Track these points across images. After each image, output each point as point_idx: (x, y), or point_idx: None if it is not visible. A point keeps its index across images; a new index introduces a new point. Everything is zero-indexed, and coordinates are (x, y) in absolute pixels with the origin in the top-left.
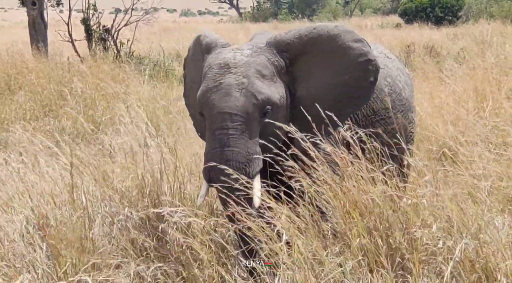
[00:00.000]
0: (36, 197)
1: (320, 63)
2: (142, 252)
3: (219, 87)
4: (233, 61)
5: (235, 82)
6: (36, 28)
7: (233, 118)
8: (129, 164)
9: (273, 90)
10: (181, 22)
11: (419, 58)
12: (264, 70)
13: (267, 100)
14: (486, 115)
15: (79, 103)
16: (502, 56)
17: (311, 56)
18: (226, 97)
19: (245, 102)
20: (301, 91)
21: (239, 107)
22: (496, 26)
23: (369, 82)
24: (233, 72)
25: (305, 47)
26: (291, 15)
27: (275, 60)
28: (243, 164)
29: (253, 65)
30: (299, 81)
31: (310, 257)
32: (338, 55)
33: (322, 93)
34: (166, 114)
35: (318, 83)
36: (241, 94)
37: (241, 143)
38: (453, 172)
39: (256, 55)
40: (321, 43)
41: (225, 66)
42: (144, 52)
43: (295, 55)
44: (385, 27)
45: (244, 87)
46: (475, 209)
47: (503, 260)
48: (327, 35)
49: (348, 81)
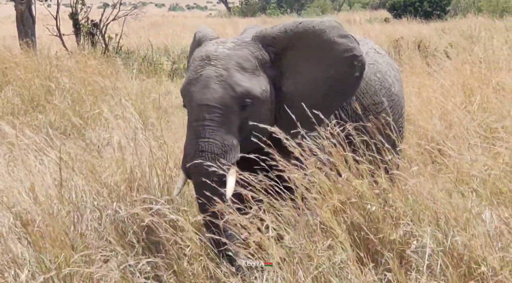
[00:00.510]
0: (24, 191)
1: (307, 58)
2: (131, 246)
3: (199, 79)
4: (214, 53)
5: (214, 74)
6: (24, 23)
7: (210, 110)
8: (118, 158)
9: (254, 84)
10: (169, 16)
11: (407, 53)
12: (245, 63)
13: (246, 93)
14: (474, 109)
15: (67, 97)
16: (490, 51)
17: (298, 51)
18: (205, 89)
19: (223, 94)
20: (288, 86)
21: (217, 99)
22: (484, 20)
23: (355, 77)
24: (213, 64)
25: (291, 41)
26: (279, 10)
27: (259, 54)
28: (218, 155)
29: (234, 58)
30: (286, 76)
31: (298, 252)
32: (324, 50)
33: (309, 88)
34: (155, 108)
35: (305, 78)
36: (219, 86)
37: (217, 134)
38: (441, 167)
39: (239, 48)
40: (307, 38)
41: (206, 58)
42: (133, 46)
43: (281, 49)
44: (373, 21)
45: (223, 79)
46: (463, 203)
47: (490, 254)
48: (312, 30)
49: (334, 76)
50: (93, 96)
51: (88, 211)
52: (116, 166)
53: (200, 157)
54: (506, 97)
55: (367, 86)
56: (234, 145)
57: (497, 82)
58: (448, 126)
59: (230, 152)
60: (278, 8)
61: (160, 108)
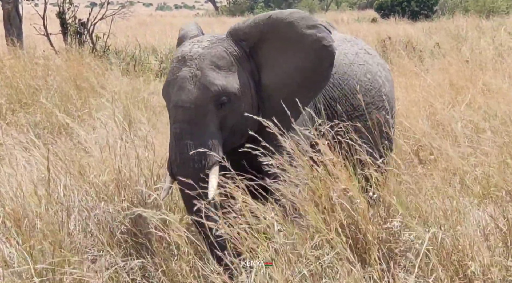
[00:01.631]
0: (12, 191)
1: (279, 50)
2: (119, 246)
3: (175, 80)
4: (189, 54)
5: (189, 75)
6: (11, 22)
7: (185, 111)
8: (106, 158)
9: (230, 81)
10: (157, 16)
11: (395, 53)
12: (219, 61)
13: (222, 91)
14: (462, 108)
15: (55, 97)
16: (477, 51)
17: (270, 43)
18: (180, 90)
19: (198, 94)
20: (265, 79)
21: (192, 100)
22: (471, 20)
23: (325, 67)
24: (188, 65)
25: (262, 34)
26: (267, 9)
27: (233, 49)
28: (197, 157)
29: (207, 57)
30: (262, 69)
31: (287, 250)
32: (294, 41)
33: (284, 79)
34: (143, 108)
35: (280, 70)
36: (194, 86)
37: (195, 136)
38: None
39: (213, 46)
40: (277, 30)
41: (182, 59)
42: (120, 46)
43: (254, 42)
44: (361, 21)
45: (197, 80)
46: (454, 199)
47: (478, 253)
48: (282, 23)
49: (306, 67)
50: (80, 95)
51: (76, 211)
52: (104, 165)
53: (182, 160)
54: (493, 97)
55: (357, 87)
56: (214, 144)
57: (483, 82)
58: (435, 126)
59: (210, 152)
60: (266, 7)
61: (148, 108)
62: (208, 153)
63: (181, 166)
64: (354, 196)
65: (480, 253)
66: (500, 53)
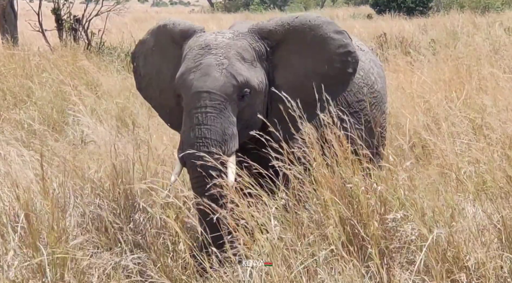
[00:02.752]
0: (6, 187)
1: (300, 52)
2: (115, 242)
3: (199, 67)
4: (214, 42)
5: (215, 62)
6: (6, 18)
7: (211, 97)
8: (101, 154)
9: (252, 74)
10: (152, 12)
11: (390, 49)
12: (245, 53)
13: (246, 83)
14: (458, 105)
15: (49, 93)
16: (472, 47)
17: (292, 45)
18: (205, 76)
19: (225, 82)
20: (280, 79)
21: (218, 87)
22: (466, 17)
23: (348, 73)
24: (213, 53)
25: (286, 35)
26: (262, 6)
27: (256, 45)
28: (220, 142)
29: (234, 47)
30: (279, 69)
31: (282, 247)
32: (319, 45)
33: (301, 82)
34: (138, 104)
35: (297, 72)
36: (221, 74)
37: (218, 122)
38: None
39: (237, 38)
40: (302, 32)
41: (206, 47)
42: (116, 42)
43: (276, 42)
44: (356, 17)
45: (224, 67)
46: (449, 196)
47: (473, 250)
48: (309, 25)
49: (327, 71)
50: (75, 92)
51: (71, 207)
52: (99, 162)
53: (202, 143)
54: (488, 94)
55: (351, 84)
56: (234, 134)
57: (479, 78)
58: (430, 122)
59: (230, 141)
60: (261, 4)
61: (143, 104)
62: (229, 141)
63: (200, 149)
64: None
65: (474, 249)
66: (495, 49)
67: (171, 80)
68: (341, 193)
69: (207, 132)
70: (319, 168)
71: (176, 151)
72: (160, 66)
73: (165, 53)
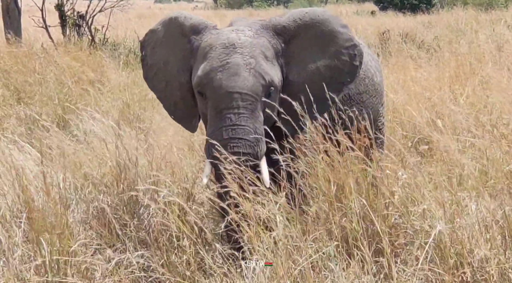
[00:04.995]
0: (9, 184)
1: (311, 47)
2: (119, 239)
3: (226, 66)
4: (239, 41)
5: (242, 62)
6: (10, 14)
7: (243, 98)
8: (104, 150)
9: (274, 73)
10: (155, 8)
11: (394, 46)
12: (267, 51)
13: (271, 82)
14: (461, 101)
15: (53, 90)
16: (475, 44)
17: (303, 40)
18: (235, 76)
19: (255, 82)
20: (293, 74)
21: (249, 87)
22: (470, 14)
23: (355, 66)
24: (239, 52)
25: (298, 30)
26: (266, 2)
27: (274, 42)
28: (253, 143)
29: (257, 46)
30: (292, 64)
31: (287, 243)
32: (328, 39)
33: (312, 76)
34: (142, 100)
35: (309, 66)
36: (249, 74)
37: (251, 122)
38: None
39: (258, 36)
40: (313, 27)
41: (230, 46)
42: (119, 38)
43: (289, 38)
44: (360, 14)
45: (252, 67)
46: (452, 193)
47: (476, 247)
48: (318, 19)
49: (337, 65)
50: (79, 88)
51: (74, 203)
52: (102, 158)
53: (236, 144)
54: (492, 91)
55: (357, 76)
56: (263, 133)
57: (482, 75)
58: (434, 120)
59: (262, 140)
60: (264, 0)
61: (147, 100)
62: (261, 141)
63: (233, 150)
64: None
65: (478, 246)
66: (498, 47)
67: (178, 73)
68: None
69: (241, 132)
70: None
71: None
72: (168, 58)
73: (174, 45)
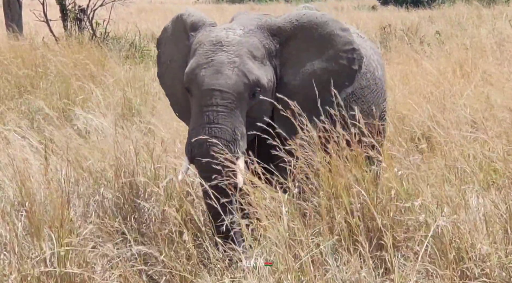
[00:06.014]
0: (9, 178)
1: (308, 49)
2: (120, 233)
3: (210, 64)
4: (226, 39)
5: (227, 60)
6: (11, 8)
7: (223, 96)
8: (105, 144)
9: (262, 73)
10: (156, 3)
11: (395, 40)
12: (256, 51)
13: (257, 82)
14: (464, 96)
15: (54, 83)
16: (477, 39)
17: (299, 42)
18: (217, 74)
19: (237, 80)
20: (288, 76)
21: (230, 85)
22: (472, 9)
23: (353, 70)
24: (225, 50)
25: (295, 32)
26: None
27: (266, 43)
28: (230, 142)
29: (245, 45)
30: (287, 66)
31: (287, 237)
32: (326, 42)
33: (309, 79)
34: (143, 95)
35: (305, 69)
36: (232, 72)
37: (229, 121)
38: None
39: (248, 35)
40: (310, 29)
41: (217, 44)
42: (120, 33)
43: (285, 39)
44: (361, 8)
45: (236, 66)
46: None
47: (477, 241)
48: (316, 22)
49: (334, 68)
50: (80, 81)
51: (74, 197)
52: (102, 152)
53: (212, 143)
54: (493, 86)
55: (356, 80)
56: (243, 133)
57: (484, 70)
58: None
59: (240, 140)
60: None
61: (149, 94)
62: (239, 140)
63: (210, 149)
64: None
65: (479, 240)
66: (499, 41)
67: (179, 70)
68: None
69: (217, 131)
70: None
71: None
72: (173, 55)
73: (178, 42)
